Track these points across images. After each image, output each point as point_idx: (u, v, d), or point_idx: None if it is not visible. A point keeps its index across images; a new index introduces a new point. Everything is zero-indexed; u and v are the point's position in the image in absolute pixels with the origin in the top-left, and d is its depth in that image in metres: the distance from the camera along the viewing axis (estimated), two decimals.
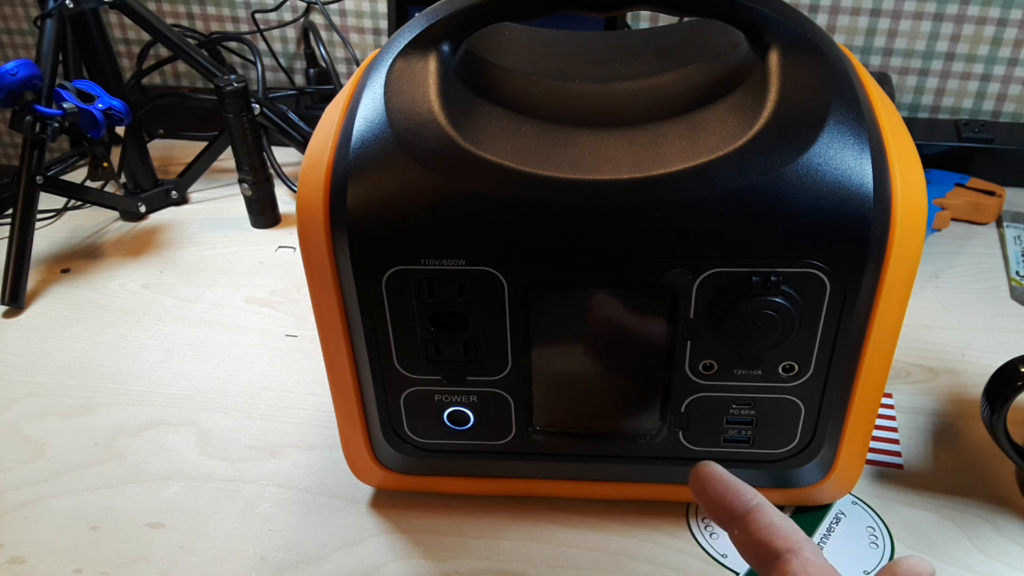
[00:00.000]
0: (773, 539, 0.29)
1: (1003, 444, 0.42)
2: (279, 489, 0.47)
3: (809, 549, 0.28)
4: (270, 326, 0.61)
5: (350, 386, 0.40)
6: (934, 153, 0.76)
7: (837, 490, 0.43)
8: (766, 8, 0.34)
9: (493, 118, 0.35)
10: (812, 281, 0.34)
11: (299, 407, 0.53)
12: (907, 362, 0.55)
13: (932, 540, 0.42)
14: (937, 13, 0.78)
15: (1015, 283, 0.63)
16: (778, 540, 0.29)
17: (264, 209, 0.73)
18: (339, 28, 0.90)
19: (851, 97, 0.33)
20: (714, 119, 0.34)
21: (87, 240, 0.73)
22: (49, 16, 0.66)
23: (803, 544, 0.28)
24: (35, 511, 0.46)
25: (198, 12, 0.93)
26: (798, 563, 0.28)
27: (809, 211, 0.32)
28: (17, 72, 0.61)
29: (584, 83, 0.38)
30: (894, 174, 0.33)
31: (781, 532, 0.29)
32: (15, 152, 1.12)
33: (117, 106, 0.67)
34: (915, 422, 0.50)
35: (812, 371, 0.37)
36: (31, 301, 0.65)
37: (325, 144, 0.35)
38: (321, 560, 0.42)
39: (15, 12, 0.99)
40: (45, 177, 0.66)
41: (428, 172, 0.33)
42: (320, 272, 0.36)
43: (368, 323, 0.37)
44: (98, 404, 0.54)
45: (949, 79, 0.81)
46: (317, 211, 0.34)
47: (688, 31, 0.43)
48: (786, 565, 0.28)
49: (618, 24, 0.69)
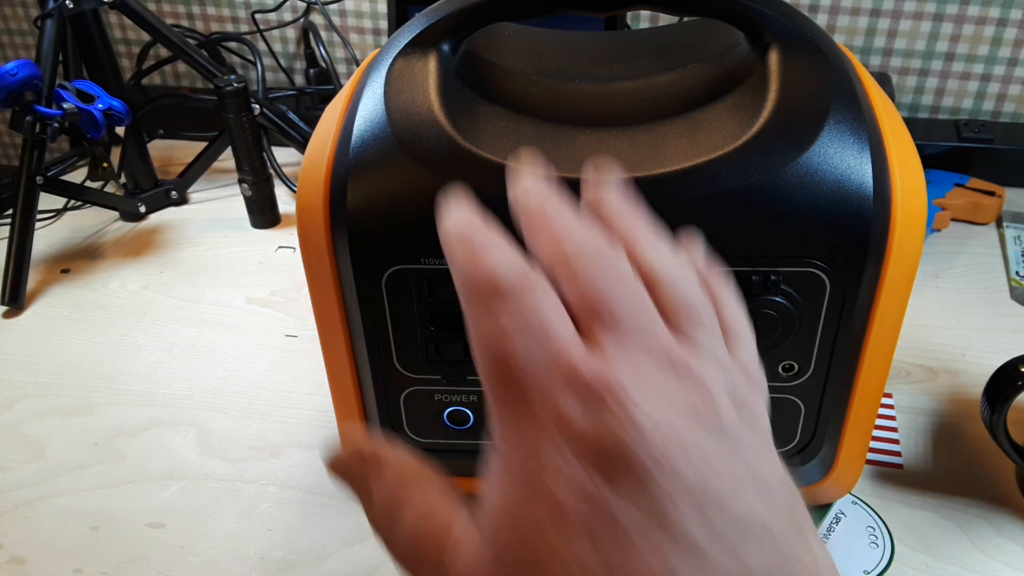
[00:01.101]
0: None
1: (1003, 444, 0.42)
2: (279, 489, 0.47)
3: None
4: (270, 326, 0.61)
5: (350, 386, 0.40)
6: (934, 153, 0.76)
7: (837, 490, 0.43)
8: (766, 8, 0.34)
9: (493, 118, 0.35)
10: (812, 281, 0.34)
11: (299, 407, 0.53)
12: (907, 362, 0.55)
13: (932, 540, 0.42)
14: (937, 13, 0.78)
15: (1015, 283, 0.63)
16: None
17: (264, 209, 0.73)
18: (339, 28, 0.90)
19: (851, 97, 0.33)
20: (714, 119, 0.34)
21: (87, 240, 0.73)
22: (49, 16, 0.66)
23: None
24: (35, 511, 0.46)
25: (198, 12, 0.93)
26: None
27: (809, 211, 0.32)
28: (17, 72, 0.61)
29: (584, 83, 0.38)
30: (894, 174, 0.33)
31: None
32: (15, 152, 1.12)
33: (117, 106, 0.67)
34: (915, 422, 0.50)
35: (812, 371, 0.37)
36: (31, 301, 0.65)
37: (325, 144, 0.35)
38: (321, 560, 0.42)
39: (15, 12, 0.99)
40: (45, 177, 0.66)
41: (428, 172, 0.33)
42: (320, 272, 0.36)
43: (368, 323, 0.37)
44: (98, 404, 0.54)
45: (949, 79, 0.81)
46: (317, 211, 0.34)
47: (688, 31, 0.43)
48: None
49: (618, 24, 0.69)
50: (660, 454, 0.19)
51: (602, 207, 0.24)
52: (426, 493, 0.23)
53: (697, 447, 0.20)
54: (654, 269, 0.23)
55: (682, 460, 0.19)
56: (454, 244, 0.22)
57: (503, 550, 0.20)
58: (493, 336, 0.21)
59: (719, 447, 0.20)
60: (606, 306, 0.21)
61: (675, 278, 0.23)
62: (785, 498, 0.21)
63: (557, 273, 0.22)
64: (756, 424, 0.22)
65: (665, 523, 0.19)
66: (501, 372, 0.21)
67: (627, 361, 0.20)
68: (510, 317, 0.20)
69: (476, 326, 0.21)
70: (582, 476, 0.19)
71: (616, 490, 0.19)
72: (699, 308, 0.23)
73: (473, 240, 0.21)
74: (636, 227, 0.24)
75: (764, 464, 0.21)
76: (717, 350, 0.22)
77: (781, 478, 0.21)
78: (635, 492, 0.19)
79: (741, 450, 0.20)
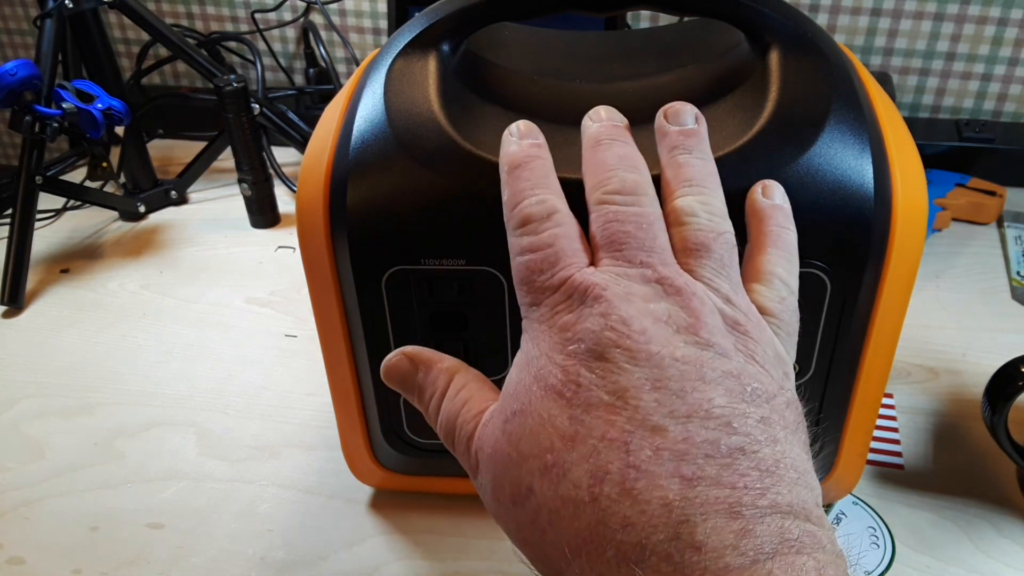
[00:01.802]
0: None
1: (1004, 444, 0.42)
2: (279, 489, 0.47)
3: None
4: (270, 326, 0.61)
5: (350, 386, 0.40)
6: (935, 153, 0.76)
7: (838, 490, 0.43)
8: (766, 8, 0.34)
9: (493, 118, 0.35)
10: (812, 281, 0.34)
11: (299, 407, 0.53)
12: (908, 362, 0.55)
13: (933, 540, 0.42)
14: (938, 13, 0.78)
15: (1016, 283, 0.63)
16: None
17: (264, 209, 0.73)
18: (339, 28, 0.90)
19: (852, 97, 0.33)
20: (714, 119, 0.34)
21: (86, 240, 0.73)
22: (48, 16, 0.66)
23: None
24: (35, 511, 0.46)
25: (197, 12, 0.93)
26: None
27: (809, 211, 0.32)
28: (16, 72, 0.61)
29: (584, 83, 0.38)
30: (895, 174, 0.33)
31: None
32: (14, 152, 1.11)
33: (116, 106, 0.67)
34: (916, 422, 0.50)
35: (812, 371, 0.37)
36: (30, 301, 0.65)
37: (325, 144, 0.35)
38: (321, 560, 0.42)
39: (14, 12, 0.99)
40: (44, 177, 0.66)
41: (428, 172, 0.33)
42: (320, 272, 0.36)
43: (368, 323, 0.37)
44: (98, 404, 0.54)
45: (950, 79, 0.81)
46: (317, 211, 0.34)
47: (688, 31, 0.42)
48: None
49: (618, 24, 0.69)
50: (630, 350, 0.24)
51: (667, 137, 0.30)
52: (468, 386, 0.29)
53: (665, 348, 0.24)
54: (679, 207, 0.28)
55: (648, 357, 0.24)
56: (505, 173, 0.29)
57: (509, 419, 0.26)
58: (521, 252, 0.27)
59: (692, 353, 0.24)
60: (616, 243, 0.26)
61: (696, 218, 0.27)
62: (763, 407, 0.24)
63: (591, 203, 0.28)
64: (748, 347, 0.25)
65: (626, 403, 0.23)
66: (524, 282, 0.27)
67: (622, 283, 0.25)
68: (533, 240, 0.27)
69: (511, 245, 0.28)
70: (569, 363, 0.25)
71: (592, 375, 0.24)
72: (711, 247, 0.27)
73: (520, 177, 0.29)
74: (687, 164, 0.29)
75: (745, 375, 0.24)
76: (720, 284, 0.26)
77: (767, 391, 0.25)
78: (607, 377, 0.24)
79: (719, 360, 0.24)
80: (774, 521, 0.22)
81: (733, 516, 0.21)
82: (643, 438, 0.23)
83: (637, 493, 0.22)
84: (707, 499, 0.22)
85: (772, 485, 0.22)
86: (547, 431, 0.24)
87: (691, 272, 0.26)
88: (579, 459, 0.23)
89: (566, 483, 0.23)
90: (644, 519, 0.22)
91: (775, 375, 0.26)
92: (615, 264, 0.26)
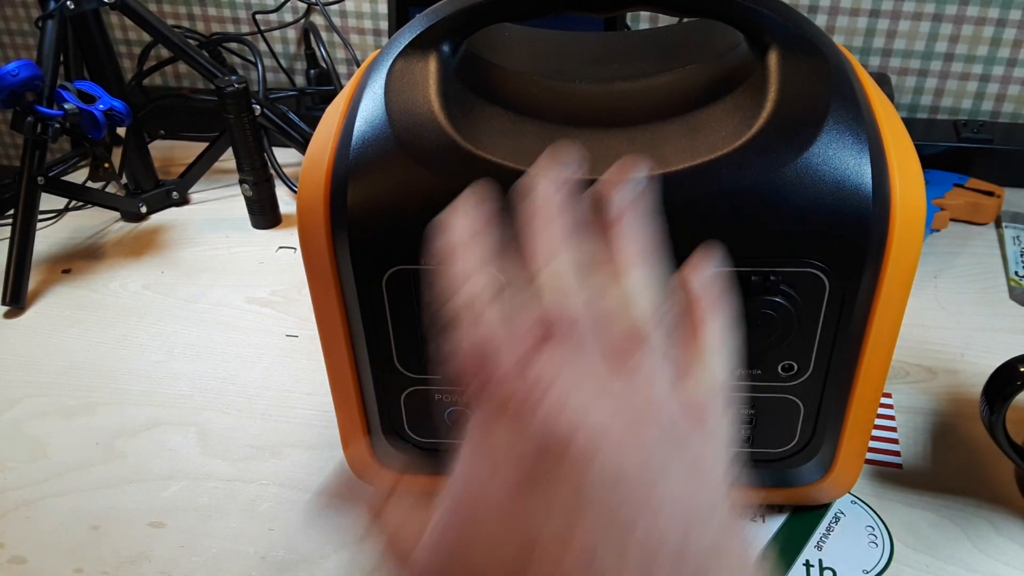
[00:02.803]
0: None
1: (1002, 444, 0.42)
2: (279, 489, 0.47)
3: None
4: (270, 326, 0.61)
5: (350, 386, 0.40)
6: (933, 153, 0.76)
7: (836, 490, 0.43)
8: (765, 8, 0.34)
9: (493, 118, 0.35)
10: (811, 281, 0.34)
11: (299, 407, 0.53)
12: (906, 362, 0.55)
13: (931, 540, 0.42)
14: (936, 14, 0.78)
15: (1014, 283, 0.63)
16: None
17: (265, 209, 0.73)
18: (339, 29, 0.90)
19: (850, 97, 0.34)
20: (714, 119, 0.34)
21: (88, 240, 0.73)
22: (50, 17, 0.67)
23: None
24: (36, 511, 0.46)
25: (199, 13, 0.93)
26: None
27: (808, 211, 0.32)
28: (18, 73, 0.61)
29: (584, 83, 0.38)
30: (893, 174, 0.33)
31: None
32: (16, 153, 1.12)
33: (118, 107, 0.67)
34: (914, 422, 0.50)
35: (811, 371, 0.37)
36: (32, 301, 0.65)
37: (325, 144, 0.35)
38: (321, 560, 0.42)
39: (16, 13, 0.99)
40: (46, 178, 0.66)
41: (428, 172, 0.33)
42: (320, 272, 0.36)
43: (368, 323, 0.37)
44: (99, 404, 0.54)
45: (948, 80, 0.81)
46: (317, 211, 0.35)
47: (688, 31, 0.43)
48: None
49: (618, 24, 0.69)
50: (583, 442, 0.22)
51: (606, 209, 0.27)
52: (400, 510, 0.27)
53: (624, 439, 0.22)
54: (621, 284, 0.26)
55: (603, 449, 0.22)
56: (437, 260, 0.27)
57: (451, 509, 0.24)
58: (459, 347, 0.25)
59: (648, 440, 0.23)
60: (564, 325, 0.24)
61: (636, 299, 0.26)
62: (719, 491, 0.23)
63: (536, 283, 0.25)
64: (703, 426, 0.24)
65: (584, 501, 0.21)
66: (468, 375, 0.25)
67: (571, 369, 0.24)
68: (470, 331, 0.25)
69: (449, 333, 0.25)
70: (521, 453, 0.23)
71: (546, 469, 0.22)
72: (651, 330, 0.25)
73: (453, 263, 0.26)
74: (625, 237, 0.27)
75: (703, 458, 0.24)
76: (664, 366, 0.25)
77: (721, 474, 0.24)
78: (560, 473, 0.22)
79: (675, 444, 0.23)
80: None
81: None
82: (605, 533, 0.22)
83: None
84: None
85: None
86: (499, 519, 0.23)
87: (637, 354, 0.25)
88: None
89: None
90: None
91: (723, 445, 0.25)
92: (562, 348, 0.25)
